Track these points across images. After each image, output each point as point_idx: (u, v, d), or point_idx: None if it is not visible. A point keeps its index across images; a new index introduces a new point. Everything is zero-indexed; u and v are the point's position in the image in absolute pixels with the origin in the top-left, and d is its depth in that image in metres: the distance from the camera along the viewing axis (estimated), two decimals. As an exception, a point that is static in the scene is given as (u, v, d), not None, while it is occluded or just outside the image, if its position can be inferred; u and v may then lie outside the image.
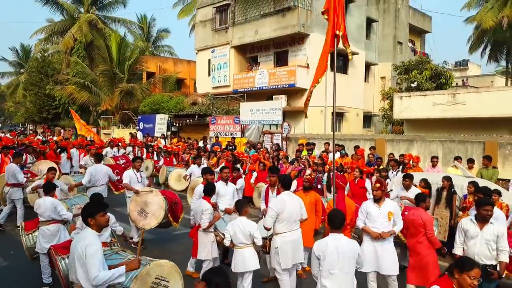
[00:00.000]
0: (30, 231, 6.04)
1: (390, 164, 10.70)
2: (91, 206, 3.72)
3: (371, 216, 5.36)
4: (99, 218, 3.62)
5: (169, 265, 4.08)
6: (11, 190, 8.63)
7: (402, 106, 15.95)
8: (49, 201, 5.86)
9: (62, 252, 4.83)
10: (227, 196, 6.61)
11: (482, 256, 4.68)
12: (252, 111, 16.65)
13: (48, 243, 5.68)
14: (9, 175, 8.66)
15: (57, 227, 5.86)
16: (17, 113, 42.74)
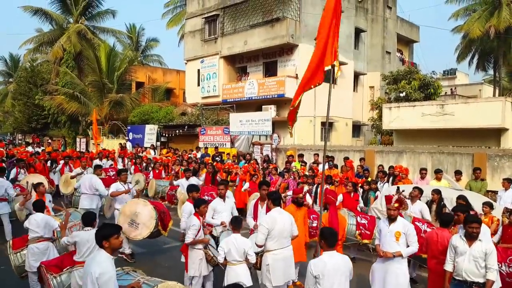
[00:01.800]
0: (18, 249, 5.93)
1: (378, 175, 10.75)
2: (106, 229, 3.66)
3: (381, 234, 5.31)
4: (114, 241, 3.59)
5: (177, 287, 4.08)
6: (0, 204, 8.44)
7: (391, 117, 16.11)
8: (40, 217, 5.81)
9: (54, 271, 4.81)
10: (224, 212, 6.55)
11: (469, 273, 4.68)
12: (241, 121, 16.66)
13: (37, 261, 5.61)
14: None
15: (47, 245, 5.79)
16: (5, 123, 42.23)
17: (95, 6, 30.50)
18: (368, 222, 7.71)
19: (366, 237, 7.56)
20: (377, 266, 5.31)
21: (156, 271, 7.30)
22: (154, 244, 8.66)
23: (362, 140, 25.01)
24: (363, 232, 7.56)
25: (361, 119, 24.53)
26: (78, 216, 7.21)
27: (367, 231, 7.56)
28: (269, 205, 5.53)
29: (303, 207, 6.35)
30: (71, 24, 29.96)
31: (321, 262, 4.10)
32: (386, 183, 10.21)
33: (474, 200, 6.94)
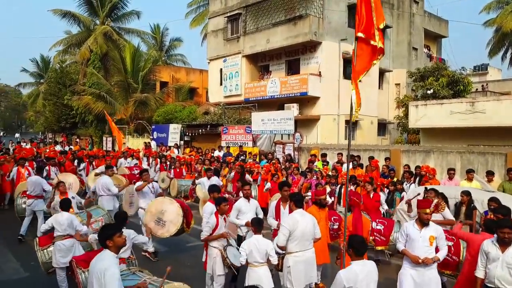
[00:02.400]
0: (45, 246, 6.12)
1: (404, 176, 10.44)
2: (108, 228, 3.78)
3: (410, 239, 4.98)
4: (117, 239, 3.68)
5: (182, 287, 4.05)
6: (35, 202, 8.81)
7: (417, 115, 15.63)
8: (66, 216, 5.96)
9: (83, 266, 4.95)
10: (249, 213, 6.51)
11: (502, 281, 4.44)
12: (263, 120, 16.57)
13: (63, 257, 5.78)
14: (34, 186, 8.82)
15: (72, 242, 5.94)
16: (37, 122, 43.77)
17: (120, 8, 31.18)
18: (384, 227, 7.44)
19: (381, 243, 7.32)
20: (408, 273, 4.95)
21: (178, 270, 7.35)
22: (176, 242, 8.74)
23: (388, 138, 24.47)
24: (377, 239, 7.33)
25: (386, 117, 24.01)
26: (100, 212, 7.44)
27: (382, 237, 7.34)
28: (292, 207, 5.45)
29: (325, 208, 6.22)
30: (97, 25, 30.72)
31: (352, 273, 3.89)
32: (413, 183, 9.93)
33: (507, 203, 6.60)
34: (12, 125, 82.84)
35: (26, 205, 8.92)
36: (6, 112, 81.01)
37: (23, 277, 6.98)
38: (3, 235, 9.11)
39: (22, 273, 7.16)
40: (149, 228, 6.94)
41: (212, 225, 5.62)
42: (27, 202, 8.90)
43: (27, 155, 12.26)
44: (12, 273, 7.13)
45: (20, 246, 8.60)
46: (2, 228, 9.51)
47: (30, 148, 17.08)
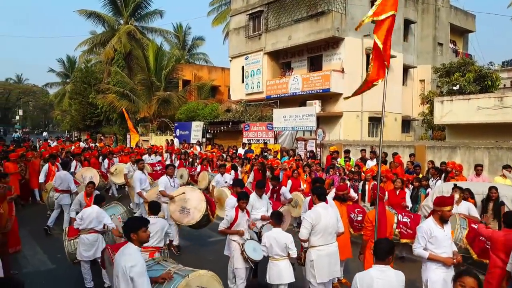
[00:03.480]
0: (72, 237, 6.30)
1: (430, 172, 10.20)
2: (134, 221, 3.74)
3: (437, 240, 4.54)
4: (141, 234, 3.64)
5: (208, 275, 4.05)
6: (61, 196, 9.13)
7: (443, 111, 15.24)
8: (95, 210, 6.10)
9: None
10: (262, 208, 6.58)
11: None
12: (285, 117, 16.50)
13: (86, 251, 5.91)
14: (62, 181, 9.12)
15: (96, 237, 6.07)
16: (63, 121, 45.07)
17: (143, 7, 31.76)
18: (411, 220, 7.36)
19: (407, 236, 7.20)
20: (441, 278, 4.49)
21: (200, 264, 7.40)
22: (198, 237, 8.83)
23: (412, 135, 23.96)
24: (403, 231, 7.19)
25: (411, 114, 23.51)
26: (119, 210, 7.48)
27: (409, 230, 7.21)
28: (314, 200, 5.40)
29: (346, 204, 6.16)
30: (121, 25, 31.33)
31: (367, 277, 3.64)
32: (439, 179, 9.69)
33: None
34: (40, 124, 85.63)
35: (54, 198, 9.27)
36: (34, 112, 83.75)
37: (50, 268, 7.17)
38: (31, 229, 9.36)
39: (49, 265, 7.36)
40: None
41: (230, 218, 5.66)
42: (54, 196, 9.24)
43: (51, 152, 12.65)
44: (39, 265, 7.34)
45: (47, 239, 8.85)
46: (30, 223, 9.74)
47: (56, 146, 17.61)
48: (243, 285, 5.57)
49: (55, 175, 9.58)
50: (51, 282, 6.56)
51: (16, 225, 7.32)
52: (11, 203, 7.02)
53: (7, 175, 8.19)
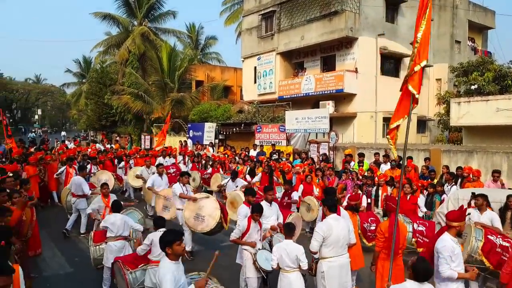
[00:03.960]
0: (98, 243, 6.44)
1: (444, 177, 10.02)
2: (169, 235, 3.79)
3: (458, 257, 4.48)
4: (176, 247, 3.69)
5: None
6: (77, 200, 9.31)
7: (460, 112, 14.94)
8: (119, 217, 6.21)
9: (130, 267, 5.15)
10: (272, 216, 6.55)
11: None
12: (297, 119, 16.43)
13: (114, 258, 5.97)
14: (76, 186, 9.32)
15: (123, 244, 6.20)
16: (80, 120, 45.86)
17: (157, 8, 31.97)
18: (426, 228, 7.26)
19: (424, 245, 7.09)
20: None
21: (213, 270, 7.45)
22: (211, 242, 8.85)
23: (428, 136, 23.60)
24: (419, 240, 7.09)
25: (426, 114, 23.13)
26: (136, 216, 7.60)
27: (425, 238, 7.11)
28: (325, 212, 5.37)
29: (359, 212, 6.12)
30: (135, 26, 31.63)
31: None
32: (454, 185, 9.51)
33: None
34: (57, 123, 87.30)
35: (71, 203, 9.47)
36: (52, 111, 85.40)
37: (69, 272, 7.33)
38: (50, 231, 9.57)
39: (68, 268, 7.52)
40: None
41: (243, 228, 5.67)
42: (71, 200, 9.42)
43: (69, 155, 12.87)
44: (58, 268, 7.50)
45: (65, 242, 9.04)
46: (48, 225, 9.95)
47: (73, 148, 17.92)
48: None
49: (71, 180, 9.79)
50: (69, 285, 6.72)
51: (37, 229, 7.48)
52: (32, 208, 7.21)
53: (29, 182, 8.44)
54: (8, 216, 5.09)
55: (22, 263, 5.84)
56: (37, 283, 6.68)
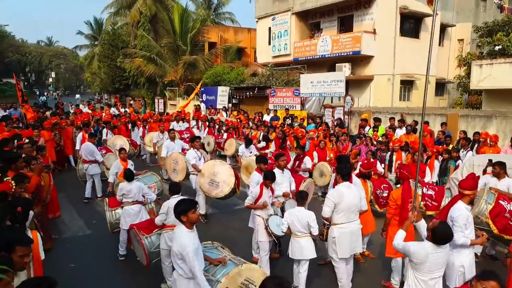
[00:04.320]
0: (114, 208, 6.61)
1: (460, 143, 9.82)
2: (183, 204, 3.85)
3: (471, 224, 4.58)
4: (191, 216, 3.76)
5: (259, 272, 4.16)
6: (90, 166, 9.41)
7: (481, 75, 14.40)
8: (135, 185, 6.32)
9: (145, 232, 5.28)
10: (284, 183, 6.57)
11: None
12: (312, 83, 16.11)
13: (131, 221, 6.18)
14: (86, 153, 9.40)
15: (140, 208, 6.34)
16: (93, 83, 46.05)
17: (168, -34, 30.88)
18: (435, 193, 7.31)
19: (432, 208, 7.19)
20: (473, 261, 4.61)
21: (227, 232, 7.67)
22: (225, 205, 9.04)
23: (446, 99, 23.03)
24: (428, 204, 7.14)
25: (446, 76, 22.45)
26: (153, 179, 7.86)
27: (434, 202, 7.20)
28: (338, 180, 5.37)
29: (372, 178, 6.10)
30: (146, -14, 30.79)
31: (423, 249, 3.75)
32: (470, 151, 9.33)
33: None
34: (71, 86, 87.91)
35: (84, 170, 9.55)
36: (65, 74, 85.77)
37: (87, 234, 7.61)
38: (68, 194, 9.83)
39: (86, 230, 7.79)
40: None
41: (255, 195, 5.73)
42: (84, 167, 9.51)
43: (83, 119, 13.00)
44: (77, 230, 7.78)
45: (83, 205, 9.32)
46: (67, 188, 10.19)
47: (87, 113, 18.07)
48: (266, 257, 5.72)
49: (82, 147, 9.82)
50: (88, 247, 6.96)
51: (55, 193, 7.74)
52: (49, 173, 7.41)
53: (45, 148, 8.59)
54: (26, 183, 5.21)
55: (42, 226, 6.12)
56: (57, 244, 6.97)
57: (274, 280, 2.66)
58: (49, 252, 6.35)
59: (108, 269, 6.19)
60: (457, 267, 4.52)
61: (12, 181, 4.96)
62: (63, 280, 5.00)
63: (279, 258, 6.39)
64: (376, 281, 5.82)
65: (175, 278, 3.98)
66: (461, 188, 4.71)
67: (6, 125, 11.32)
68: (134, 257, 6.19)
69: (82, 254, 6.68)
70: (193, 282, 3.82)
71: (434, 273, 3.76)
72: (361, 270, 6.09)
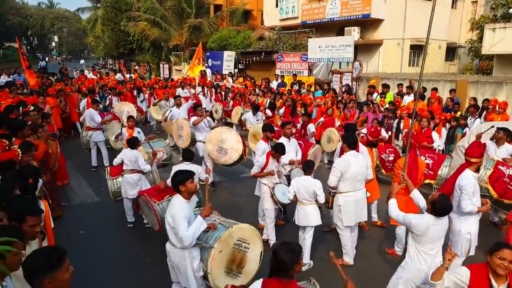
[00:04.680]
0: (115, 176, 6.66)
1: (468, 110, 9.65)
2: (181, 174, 3.89)
3: (477, 192, 4.62)
4: (189, 185, 3.81)
5: (249, 229, 4.26)
6: (94, 133, 9.31)
7: (494, 39, 13.96)
8: (133, 154, 6.34)
9: (156, 198, 5.35)
10: (290, 152, 6.56)
11: None
12: (320, 47, 15.72)
13: (131, 190, 6.30)
14: (89, 118, 9.30)
15: (139, 177, 6.37)
16: (97, 48, 45.38)
17: None
18: (433, 162, 7.28)
19: (429, 177, 7.20)
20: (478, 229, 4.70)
21: (233, 199, 7.79)
22: (231, 173, 9.13)
23: (456, 64, 22.50)
24: (425, 172, 7.14)
25: (457, 41, 21.80)
26: (161, 144, 7.92)
27: (430, 171, 7.21)
28: (344, 149, 5.34)
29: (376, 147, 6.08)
30: None
31: (425, 221, 3.78)
32: (478, 118, 9.19)
33: None
34: (75, 50, 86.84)
35: (88, 137, 9.42)
36: (68, 38, 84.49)
37: (96, 201, 7.73)
38: (75, 161, 9.85)
39: (94, 197, 7.91)
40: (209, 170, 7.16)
41: (261, 164, 5.74)
42: (88, 134, 9.38)
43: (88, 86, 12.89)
44: (85, 198, 7.91)
45: (90, 173, 9.41)
46: (74, 156, 10.14)
47: (91, 79, 17.88)
48: (272, 224, 5.82)
49: (84, 114, 9.70)
50: (97, 214, 7.10)
51: (63, 160, 7.78)
52: (55, 141, 7.45)
53: (50, 115, 8.58)
54: (33, 151, 5.23)
55: (51, 194, 6.19)
56: (67, 211, 7.11)
57: (286, 246, 2.70)
58: (59, 219, 6.48)
59: (117, 236, 6.30)
60: (464, 234, 4.62)
61: (19, 149, 4.95)
62: (73, 247, 5.13)
63: (285, 225, 6.51)
64: (380, 248, 5.93)
65: (168, 250, 4.02)
66: (467, 156, 4.72)
67: (10, 92, 11.15)
68: (142, 224, 6.34)
69: (91, 221, 6.80)
70: (187, 251, 3.87)
71: (434, 243, 3.81)
72: (365, 237, 6.18)
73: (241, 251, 4.17)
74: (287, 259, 2.61)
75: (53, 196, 6.45)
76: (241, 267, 4.18)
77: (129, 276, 5.11)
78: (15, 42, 18.75)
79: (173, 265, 4.03)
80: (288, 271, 2.63)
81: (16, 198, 3.31)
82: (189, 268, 3.90)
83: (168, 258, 4.07)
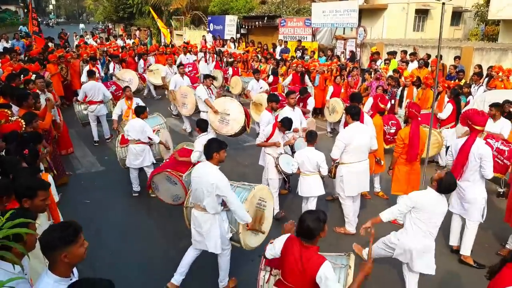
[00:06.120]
0: (124, 145, 6.70)
1: (472, 78, 9.53)
2: (218, 142, 4.01)
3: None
4: (222, 154, 3.95)
5: (266, 189, 4.61)
6: (98, 107, 8.87)
7: (501, 3, 13.55)
8: (138, 123, 6.31)
9: (181, 171, 5.42)
10: (294, 122, 6.55)
11: None
12: (324, 12, 15.32)
13: (135, 160, 6.35)
14: (94, 92, 8.76)
15: (143, 148, 6.38)
16: (96, 11, 44.24)
17: None
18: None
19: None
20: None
21: (237, 169, 7.85)
22: (235, 142, 9.13)
23: (462, 29, 21.97)
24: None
25: (463, 5, 21.17)
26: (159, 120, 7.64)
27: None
28: (348, 120, 5.34)
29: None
30: None
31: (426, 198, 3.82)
32: (481, 86, 9.10)
33: None
34: (74, 13, 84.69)
35: (88, 111, 8.86)
36: (66, 0, 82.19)
37: (100, 170, 7.76)
38: (78, 130, 9.69)
39: (99, 167, 7.94)
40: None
41: (267, 134, 5.76)
42: (90, 108, 8.82)
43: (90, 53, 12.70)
44: (90, 167, 7.93)
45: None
46: (76, 124, 9.67)
47: (91, 45, 17.51)
48: (276, 193, 5.88)
49: (84, 87, 8.97)
50: (101, 183, 7.13)
51: (66, 129, 7.80)
52: (58, 109, 7.45)
53: (51, 84, 8.50)
54: (37, 121, 5.15)
55: (55, 163, 6.24)
56: (72, 180, 7.17)
57: (312, 214, 2.90)
58: (64, 188, 6.59)
59: (122, 206, 6.34)
60: (480, 200, 4.75)
61: (22, 120, 4.91)
62: (79, 216, 5.23)
63: (288, 194, 6.63)
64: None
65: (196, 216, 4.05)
66: (474, 124, 4.75)
67: (11, 58, 10.91)
68: (147, 194, 6.33)
69: (96, 190, 6.82)
70: (218, 216, 4.00)
71: (431, 220, 3.82)
72: (367, 207, 6.23)
73: (261, 209, 4.48)
74: (313, 226, 2.82)
75: (57, 165, 6.49)
76: (261, 223, 4.47)
77: (134, 245, 5.16)
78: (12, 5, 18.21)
79: (200, 231, 4.07)
80: (313, 237, 2.85)
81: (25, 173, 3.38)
82: (219, 231, 4.04)
83: (196, 224, 4.10)
